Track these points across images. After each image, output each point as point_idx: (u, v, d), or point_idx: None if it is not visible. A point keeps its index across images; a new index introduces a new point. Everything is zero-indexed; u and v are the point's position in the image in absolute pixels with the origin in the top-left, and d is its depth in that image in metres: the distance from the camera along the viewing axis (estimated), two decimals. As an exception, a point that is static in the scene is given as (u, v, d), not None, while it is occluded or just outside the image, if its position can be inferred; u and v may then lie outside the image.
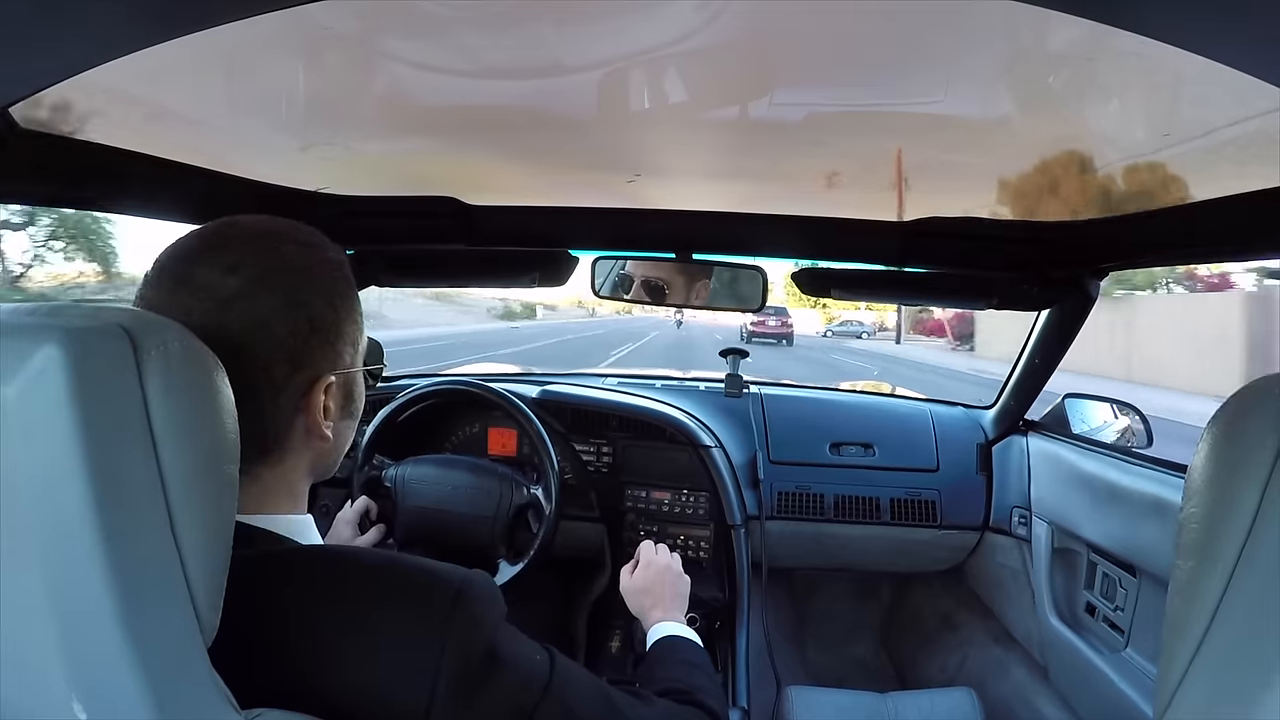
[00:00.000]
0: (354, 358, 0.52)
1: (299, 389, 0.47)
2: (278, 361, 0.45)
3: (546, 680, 0.47)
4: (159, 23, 0.39)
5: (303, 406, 0.47)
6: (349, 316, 0.51)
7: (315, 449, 0.50)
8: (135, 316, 0.35)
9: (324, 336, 0.48)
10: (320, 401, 0.48)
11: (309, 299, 0.47)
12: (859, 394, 1.90)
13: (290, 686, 0.40)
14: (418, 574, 0.45)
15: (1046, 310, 1.30)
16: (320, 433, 0.49)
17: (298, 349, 0.46)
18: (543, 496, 1.18)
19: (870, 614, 1.94)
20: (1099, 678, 1.14)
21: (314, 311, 0.47)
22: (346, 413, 0.52)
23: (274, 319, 0.45)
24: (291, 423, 0.47)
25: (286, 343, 0.45)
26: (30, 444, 0.30)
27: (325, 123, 0.78)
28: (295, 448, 0.48)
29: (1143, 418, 1.32)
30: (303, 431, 0.48)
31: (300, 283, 0.47)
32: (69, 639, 0.30)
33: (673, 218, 1.14)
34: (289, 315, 0.46)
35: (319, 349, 0.48)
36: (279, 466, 0.48)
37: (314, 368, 0.48)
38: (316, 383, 0.48)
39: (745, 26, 0.55)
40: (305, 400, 0.48)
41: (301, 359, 0.47)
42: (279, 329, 0.45)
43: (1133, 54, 0.53)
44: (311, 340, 0.47)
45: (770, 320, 17.35)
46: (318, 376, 0.48)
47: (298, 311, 0.46)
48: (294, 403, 0.47)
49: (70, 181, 0.72)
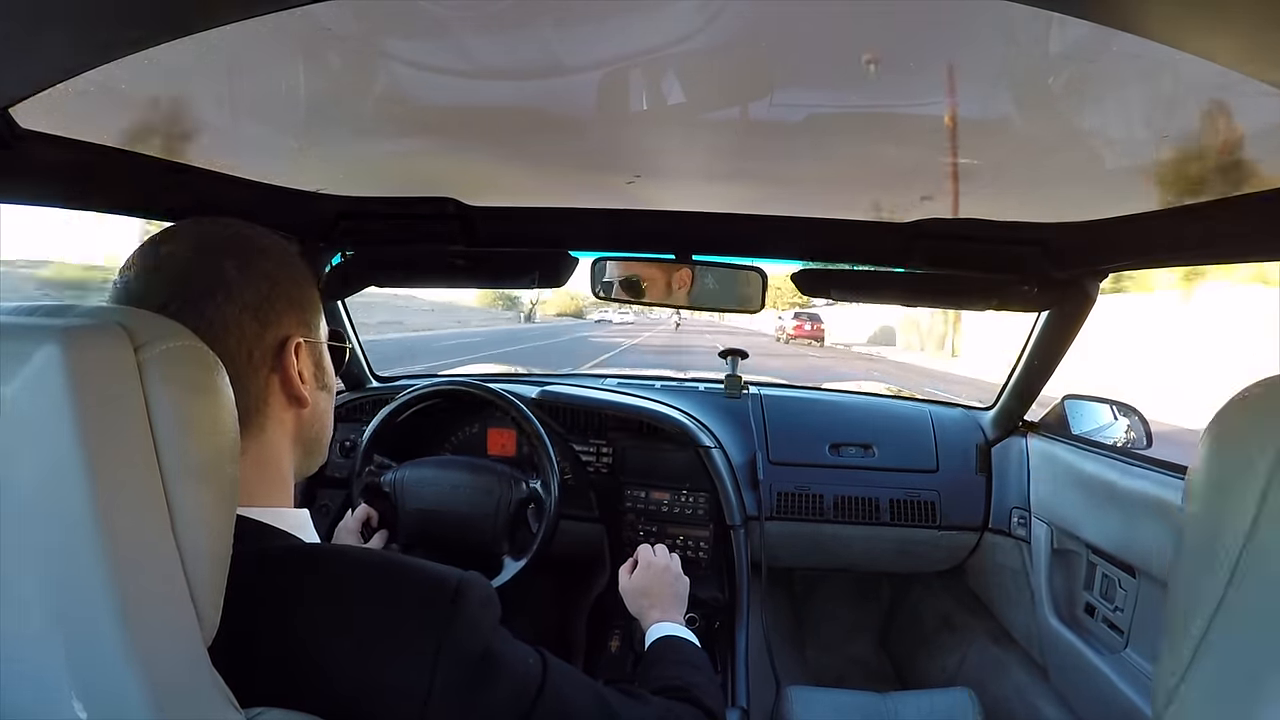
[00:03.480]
0: (318, 330, 0.54)
1: (270, 348, 0.49)
2: (246, 319, 0.47)
3: (541, 682, 0.47)
4: (159, 24, 0.39)
5: (277, 367, 0.49)
6: (308, 290, 0.53)
7: (295, 418, 0.51)
8: (135, 316, 0.35)
9: (289, 300, 0.50)
10: (293, 363, 0.50)
11: (270, 269, 0.49)
12: (859, 394, 1.90)
13: (289, 686, 0.40)
14: (415, 575, 0.45)
15: (1046, 311, 1.30)
16: (298, 393, 0.50)
17: (262, 307, 0.48)
18: (542, 491, 1.18)
19: (870, 614, 1.94)
20: (1098, 678, 1.14)
21: (277, 279, 0.50)
22: (320, 384, 0.54)
23: (236, 279, 0.47)
24: (268, 384, 0.49)
25: (251, 302, 0.47)
26: (30, 444, 0.30)
27: (325, 123, 0.78)
28: (275, 415, 0.50)
29: (1142, 419, 1.32)
30: (280, 395, 0.50)
31: (260, 254, 0.49)
32: (69, 639, 0.30)
33: (672, 219, 1.14)
34: (253, 278, 0.48)
35: (285, 311, 0.50)
36: (262, 436, 0.49)
37: (282, 327, 0.50)
38: (286, 343, 0.50)
39: (745, 27, 0.55)
40: (279, 360, 0.49)
41: (268, 317, 0.49)
42: (243, 290, 0.47)
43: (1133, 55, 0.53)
44: (276, 302, 0.49)
45: (806, 325, 21.42)
46: (287, 336, 0.50)
47: (262, 277, 0.49)
48: (268, 363, 0.49)
49: (70, 182, 0.72)
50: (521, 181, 1.07)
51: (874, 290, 1.30)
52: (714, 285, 1.23)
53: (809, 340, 21.28)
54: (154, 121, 0.71)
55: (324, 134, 0.83)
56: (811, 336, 21.36)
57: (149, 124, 0.71)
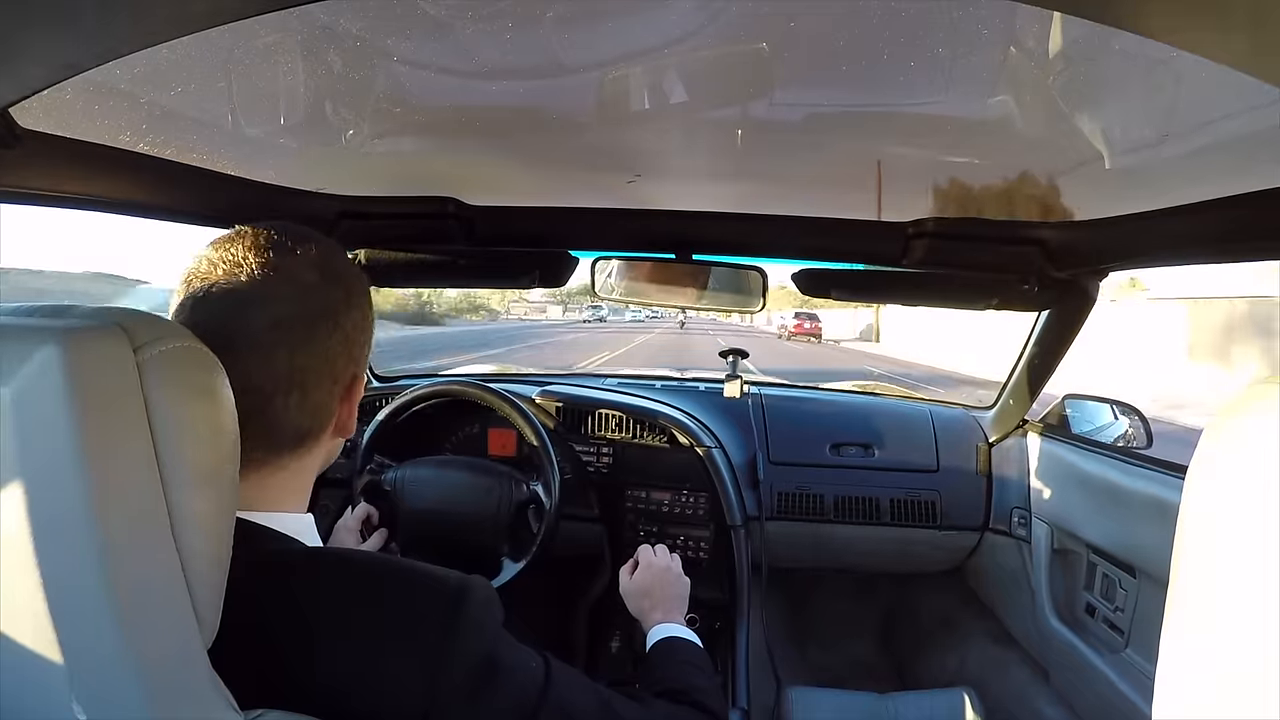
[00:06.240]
0: None
1: (345, 382, 0.50)
2: (340, 352, 0.48)
3: (543, 686, 0.47)
4: (159, 23, 0.39)
5: (345, 398, 0.50)
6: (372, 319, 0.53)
7: (333, 444, 0.52)
8: (134, 317, 0.35)
9: (367, 335, 0.51)
10: (358, 397, 0.51)
11: (361, 300, 0.50)
12: (859, 394, 1.90)
13: (290, 688, 0.40)
14: (418, 578, 0.45)
15: (1046, 311, 1.30)
16: (350, 427, 0.51)
17: (354, 342, 0.49)
18: (543, 492, 1.17)
19: (870, 614, 1.93)
20: (1099, 678, 1.14)
21: (366, 311, 0.50)
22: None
23: (344, 311, 0.48)
24: (334, 415, 0.50)
25: (350, 336, 0.48)
26: (29, 445, 0.30)
27: (325, 122, 0.78)
28: (324, 440, 0.51)
29: (1143, 419, 1.32)
30: (332, 425, 0.50)
31: (356, 280, 0.50)
32: (69, 640, 0.30)
33: (672, 218, 1.14)
34: (353, 310, 0.48)
35: (363, 346, 0.51)
36: (306, 457, 0.49)
37: (357, 363, 0.50)
38: (357, 378, 0.51)
39: (745, 27, 0.55)
40: (349, 392, 0.50)
41: (354, 354, 0.49)
42: (346, 321, 0.48)
43: (1133, 54, 0.53)
44: (361, 337, 0.50)
45: (806, 324, 24.27)
46: (359, 373, 0.51)
47: (359, 308, 0.49)
48: (339, 396, 0.50)
49: (70, 182, 0.72)
50: (522, 181, 1.07)
51: (874, 290, 1.30)
52: (714, 284, 1.23)
53: (808, 338, 23.80)
54: (154, 121, 0.71)
55: (324, 134, 0.83)
56: (810, 334, 24.03)
57: (149, 124, 0.71)
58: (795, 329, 24.15)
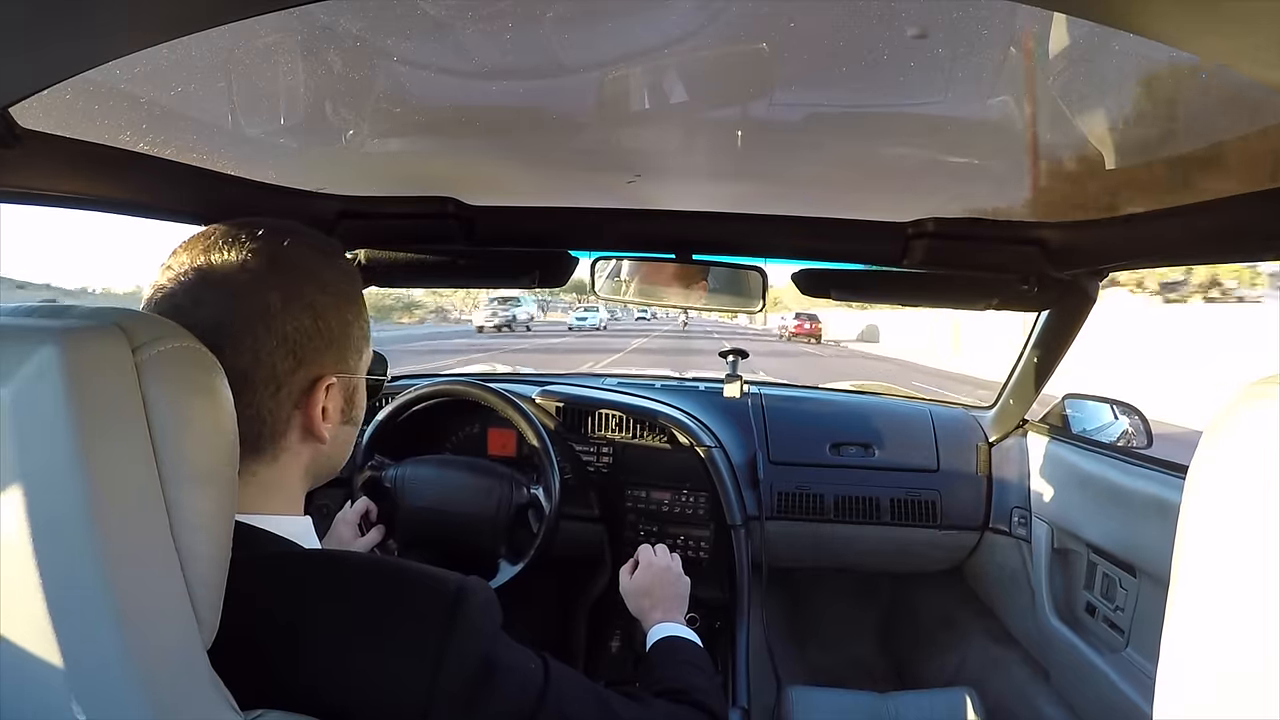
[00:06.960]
0: (357, 365, 0.52)
1: (300, 386, 0.47)
2: (281, 356, 0.46)
3: (543, 687, 0.47)
4: (159, 23, 0.39)
5: (302, 404, 0.48)
6: (356, 323, 0.51)
7: (312, 451, 0.50)
8: (133, 317, 0.35)
9: (329, 338, 0.48)
10: (320, 402, 0.48)
11: (315, 298, 0.47)
12: (859, 394, 1.90)
13: (289, 688, 0.40)
14: (416, 579, 0.45)
15: (1046, 311, 1.30)
16: (318, 433, 0.49)
17: (302, 345, 0.47)
18: (543, 496, 1.17)
19: (870, 614, 1.93)
20: (1099, 678, 1.14)
21: (321, 311, 0.48)
22: (347, 418, 0.53)
23: (281, 313, 0.45)
24: (289, 420, 0.48)
25: (291, 338, 0.46)
26: (28, 445, 0.30)
27: (325, 122, 0.78)
28: (291, 447, 0.48)
29: (1143, 418, 1.32)
30: (300, 431, 0.48)
31: (308, 281, 0.47)
32: (69, 641, 0.30)
33: (672, 218, 1.14)
34: (296, 312, 0.46)
35: (324, 349, 0.48)
36: (274, 465, 0.48)
37: (317, 366, 0.48)
38: (318, 382, 0.48)
39: (745, 27, 0.55)
40: (306, 398, 0.48)
41: (305, 356, 0.47)
42: (285, 324, 0.46)
43: (1133, 54, 0.53)
44: (316, 340, 0.47)
45: (805, 324, 24.74)
46: (320, 376, 0.48)
47: (304, 310, 0.47)
48: (293, 400, 0.47)
49: (70, 182, 0.72)
50: (522, 181, 1.07)
51: (874, 290, 1.30)
52: (714, 284, 1.23)
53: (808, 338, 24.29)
54: (154, 121, 0.71)
55: (324, 134, 0.83)
56: (810, 334, 24.50)
57: (149, 124, 0.71)
58: (795, 329, 24.63)
